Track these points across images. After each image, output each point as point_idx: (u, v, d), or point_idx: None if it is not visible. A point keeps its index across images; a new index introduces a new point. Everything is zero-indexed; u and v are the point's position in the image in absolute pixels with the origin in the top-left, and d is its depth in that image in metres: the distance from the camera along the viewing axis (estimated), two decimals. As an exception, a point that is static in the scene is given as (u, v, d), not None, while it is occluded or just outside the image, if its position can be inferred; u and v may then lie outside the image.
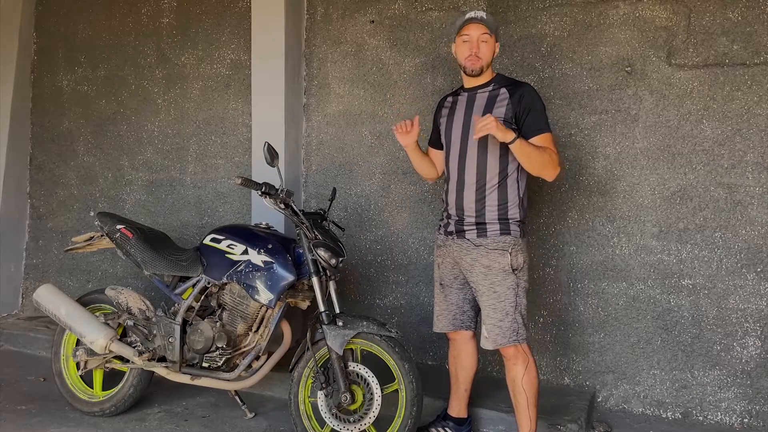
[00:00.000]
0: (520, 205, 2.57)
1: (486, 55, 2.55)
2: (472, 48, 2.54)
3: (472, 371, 2.83)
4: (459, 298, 2.71)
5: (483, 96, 2.58)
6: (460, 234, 2.60)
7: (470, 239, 2.57)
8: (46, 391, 3.44)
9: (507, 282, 2.51)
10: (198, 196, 4.29)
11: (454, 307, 2.72)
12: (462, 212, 2.59)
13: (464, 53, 2.56)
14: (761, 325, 3.07)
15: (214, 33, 4.25)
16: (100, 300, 3.19)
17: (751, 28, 3.08)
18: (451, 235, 2.65)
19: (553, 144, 2.49)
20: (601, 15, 3.33)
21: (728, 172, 3.12)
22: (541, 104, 2.52)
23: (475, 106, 2.58)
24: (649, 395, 3.26)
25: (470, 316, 2.74)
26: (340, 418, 2.70)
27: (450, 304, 2.73)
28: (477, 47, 2.54)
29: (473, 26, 2.54)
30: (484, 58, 2.54)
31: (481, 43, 2.54)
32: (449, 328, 2.75)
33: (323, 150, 3.98)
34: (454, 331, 2.77)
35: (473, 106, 2.59)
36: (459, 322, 2.74)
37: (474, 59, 2.54)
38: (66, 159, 4.77)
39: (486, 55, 2.55)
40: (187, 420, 3.13)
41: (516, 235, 2.54)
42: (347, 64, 3.91)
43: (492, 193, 2.54)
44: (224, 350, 2.87)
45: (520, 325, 2.52)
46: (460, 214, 2.60)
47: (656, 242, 3.23)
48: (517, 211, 2.56)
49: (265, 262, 2.80)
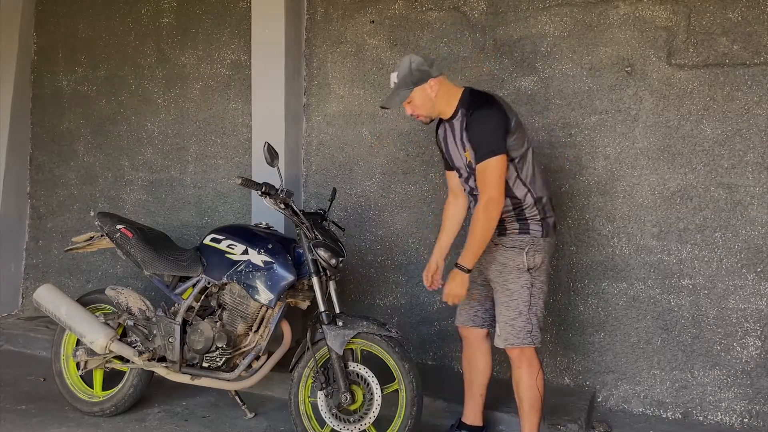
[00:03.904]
0: (538, 203, 2.53)
1: (422, 109, 2.56)
2: (407, 110, 2.60)
3: (487, 374, 2.80)
4: (481, 295, 2.71)
5: (455, 124, 2.58)
6: None
7: (491, 238, 2.53)
8: (46, 391, 3.44)
9: (520, 280, 2.50)
10: (198, 196, 4.29)
11: (475, 302, 2.73)
12: None
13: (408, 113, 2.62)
14: (761, 325, 3.07)
15: (214, 33, 4.25)
16: (100, 300, 3.19)
17: (751, 28, 3.08)
18: None
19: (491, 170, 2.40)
20: (601, 15, 3.33)
21: (728, 172, 3.12)
22: (483, 129, 2.44)
23: (455, 135, 2.59)
24: (649, 395, 3.25)
25: (491, 315, 2.70)
26: (340, 418, 2.70)
27: (472, 299, 2.72)
28: (410, 111, 2.59)
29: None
30: (422, 112, 2.57)
31: (407, 106, 2.58)
32: (468, 323, 2.75)
33: (323, 150, 3.98)
34: (468, 329, 2.76)
35: (454, 135, 2.60)
36: (479, 319, 2.73)
37: (419, 118, 2.60)
38: (66, 159, 4.77)
39: (421, 108, 2.56)
40: (187, 420, 3.13)
41: (536, 235, 2.51)
42: (347, 64, 3.91)
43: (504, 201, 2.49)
44: (224, 350, 2.87)
45: (534, 326, 2.51)
46: None
47: (656, 242, 3.23)
48: (536, 210, 2.52)
49: (265, 262, 2.80)
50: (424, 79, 2.50)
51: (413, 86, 2.50)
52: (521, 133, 2.50)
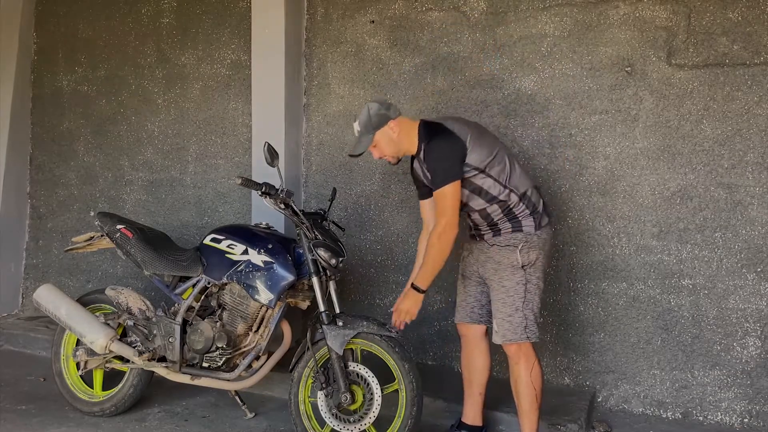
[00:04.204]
0: (523, 198, 2.59)
1: (387, 150, 2.66)
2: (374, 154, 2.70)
3: (486, 373, 2.83)
4: (477, 291, 2.76)
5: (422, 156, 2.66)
6: (479, 237, 2.71)
7: (487, 240, 2.66)
8: (46, 391, 3.44)
9: (515, 277, 2.56)
10: (198, 196, 4.29)
11: (472, 299, 2.78)
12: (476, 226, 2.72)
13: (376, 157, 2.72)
14: (761, 325, 3.07)
15: (214, 33, 4.25)
16: (100, 300, 3.19)
17: (751, 28, 3.08)
18: (473, 238, 2.77)
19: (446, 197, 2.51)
20: (601, 15, 3.33)
21: (728, 172, 3.12)
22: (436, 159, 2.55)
23: (422, 168, 2.69)
24: (649, 395, 3.25)
25: (488, 311, 2.75)
26: (340, 418, 2.70)
27: (469, 295, 2.79)
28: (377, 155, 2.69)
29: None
30: (389, 152, 2.67)
31: (373, 150, 2.68)
32: (466, 320, 2.80)
33: (323, 150, 3.98)
34: (467, 326, 2.81)
35: (422, 168, 2.69)
36: (477, 315, 2.78)
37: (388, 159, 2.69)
38: (66, 159, 4.77)
39: (387, 149, 2.66)
40: (187, 420, 3.13)
41: (529, 231, 2.58)
42: (347, 64, 3.91)
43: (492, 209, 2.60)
44: (224, 350, 2.87)
45: (530, 322, 2.57)
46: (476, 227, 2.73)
47: (656, 242, 3.23)
48: (523, 206, 2.59)
49: (265, 262, 2.80)
50: (384, 122, 2.63)
51: (374, 131, 2.63)
52: (483, 143, 2.58)
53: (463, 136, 2.54)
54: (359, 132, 2.67)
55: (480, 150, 2.54)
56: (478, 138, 2.57)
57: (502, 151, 2.61)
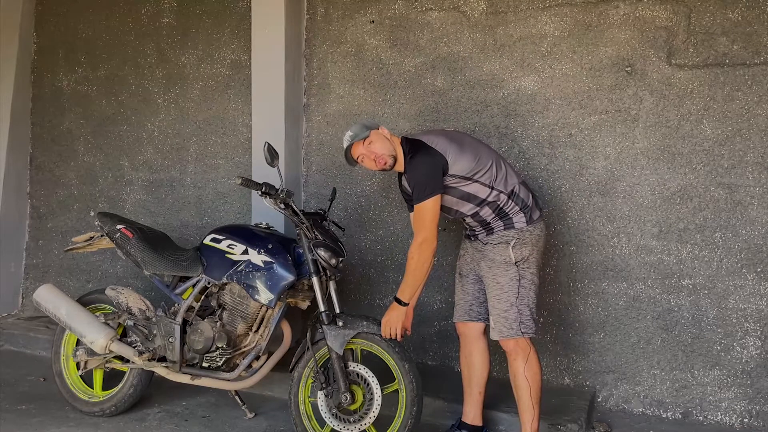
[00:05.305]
0: (511, 196, 2.63)
1: (382, 148, 2.68)
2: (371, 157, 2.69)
3: (486, 372, 2.84)
4: (475, 289, 2.79)
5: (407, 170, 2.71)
6: (474, 237, 2.76)
7: (480, 239, 2.71)
8: (46, 391, 3.44)
9: (509, 273, 2.60)
10: (198, 196, 4.29)
11: (470, 297, 2.81)
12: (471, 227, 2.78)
13: (373, 166, 2.72)
14: (761, 325, 3.07)
15: (214, 33, 4.25)
16: (100, 300, 3.19)
17: (751, 28, 3.08)
18: (468, 238, 2.84)
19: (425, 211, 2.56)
20: (601, 15, 3.33)
21: (728, 172, 3.12)
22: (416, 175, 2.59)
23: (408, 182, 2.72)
24: (649, 395, 3.26)
25: (486, 308, 2.77)
26: (340, 418, 2.70)
27: (466, 294, 2.82)
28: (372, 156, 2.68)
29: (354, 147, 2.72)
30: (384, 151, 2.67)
31: (368, 152, 2.69)
32: (465, 318, 2.82)
33: (323, 150, 3.98)
34: (465, 324, 2.83)
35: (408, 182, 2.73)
36: (475, 313, 2.80)
37: (381, 162, 2.68)
38: (66, 159, 4.77)
39: (382, 148, 2.68)
40: (187, 420, 3.13)
41: (521, 227, 2.62)
42: (347, 64, 3.91)
43: (483, 211, 2.65)
44: (224, 350, 2.87)
45: (525, 318, 2.60)
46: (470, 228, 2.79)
47: (656, 242, 3.23)
48: (513, 203, 2.63)
49: (265, 262, 2.80)
50: (375, 127, 2.75)
51: (368, 130, 2.71)
52: (465, 151, 2.62)
53: (442, 151, 2.59)
54: (350, 137, 2.74)
55: (463, 160, 2.59)
56: (459, 149, 2.62)
57: (486, 155, 2.65)
